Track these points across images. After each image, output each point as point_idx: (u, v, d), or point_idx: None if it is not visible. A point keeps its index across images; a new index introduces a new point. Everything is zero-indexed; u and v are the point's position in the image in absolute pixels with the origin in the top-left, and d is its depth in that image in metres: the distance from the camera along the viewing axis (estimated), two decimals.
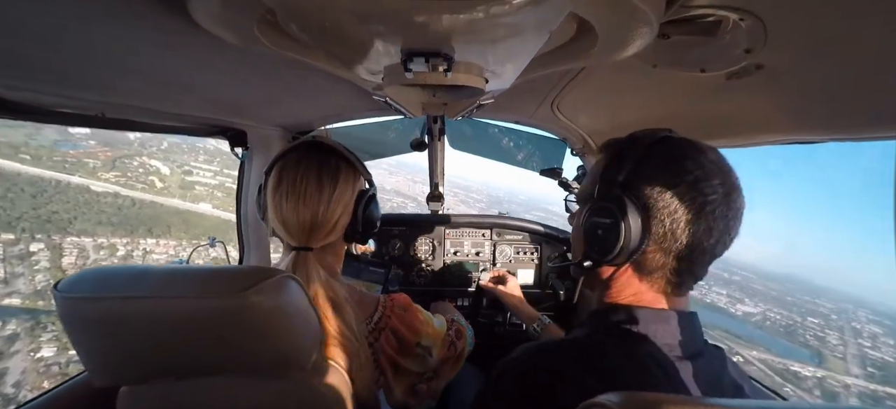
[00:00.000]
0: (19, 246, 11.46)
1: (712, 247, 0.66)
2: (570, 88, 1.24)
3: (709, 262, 0.69)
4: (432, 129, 2.13)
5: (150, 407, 0.81)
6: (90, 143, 18.64)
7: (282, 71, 1.05)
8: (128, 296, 0.67)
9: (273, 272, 0.71)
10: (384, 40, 0.63)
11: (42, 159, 16.65)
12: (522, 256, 2.28)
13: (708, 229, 0.64)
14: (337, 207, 0.93)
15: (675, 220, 0.65)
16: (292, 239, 0.92)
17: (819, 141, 0.97)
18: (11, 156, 16.35)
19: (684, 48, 0.75)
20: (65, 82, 0.85)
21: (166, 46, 0.78)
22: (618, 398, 0.38)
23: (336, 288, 0.92)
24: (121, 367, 0.75)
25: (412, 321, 1.01)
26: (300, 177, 0.91)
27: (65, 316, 0.68)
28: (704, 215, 0.64)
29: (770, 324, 27.24)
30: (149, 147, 19.68)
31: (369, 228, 1.02)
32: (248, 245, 1.93)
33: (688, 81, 0.92)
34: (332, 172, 0.93)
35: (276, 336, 0.71)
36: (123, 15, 0.63)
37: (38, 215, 13.15)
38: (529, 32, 0.60)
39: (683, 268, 0.68)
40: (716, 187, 0.65)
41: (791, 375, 21.12)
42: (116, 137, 19.74)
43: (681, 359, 0.67)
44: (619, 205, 0.68)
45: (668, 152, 0.69)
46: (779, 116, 0.95)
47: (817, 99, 0.82)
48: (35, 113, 0.92)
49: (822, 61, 0.67)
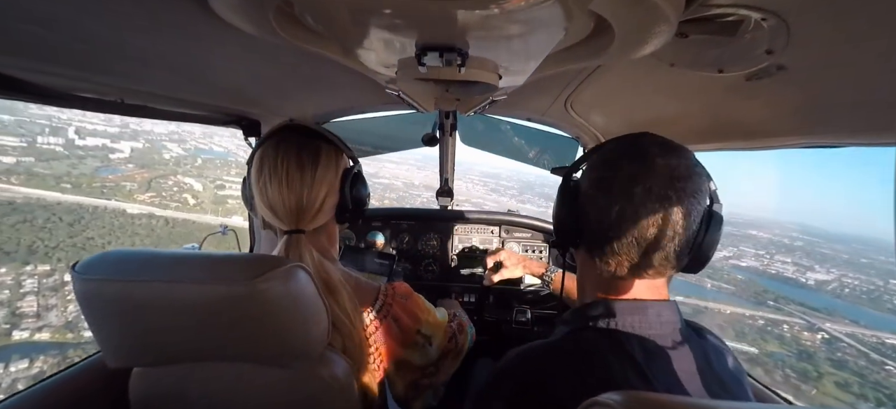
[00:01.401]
0: (54, 277, 11.80)
1: (618, 222, 0.69)
2: (584, 86, 1.22)
3: (636, 245, 0.69)
4: (444, 124, 2.13)
5: (161, 390, 0.83)
6: (129, 166, 19.39)
7: (296, 62, 1.05)
8: (141, 279, 0.68)
9: (283, 262, 0.71)
10: (399, 34, 0.63)
11: (82, 187, 17.22)
12: (530, 254, 2.27)
13: (608, 204, 0.70)
14: (321, 186, 0.93)
15: (585, 199, 0.75)
16: (282, 223, 0.92)
17: (842, 145, 0.95)
18: (54, 186, 16.85)
19: (703, 48, 0.74)
20: (85, 67, 0.87)
21: (184, 35, 0.79)
22: (619, 397, 0.39)
23: (329, 269, 0.93)
24: (133, 349, 0.77)
25: (413, 309, 1.01)
26: (281, 160, 0.90)
27: (81, 297, 0.71)
28: (602, 190, 0.71)
29: (849, 291, 24.19)
30: (183, 165, 20.37)
31: (358, 206, 1.02)
32: (258, 235, 1.96)
33: (705, 82, 0.91)
34: (312, 154, 0.92)
35: (283, 325, 0.72)
36: (145, 2, 0.64)
37: (74, 243, 13.58)
38: (545, 29, 0.59)
39: (603, 244, 0.72)
40: (621, 167, 0.70)
41: (890, 349, 19.13)
42: (154, 159, 20.46)
43: (664, 348, 0.69)
44: (565, 190, 0.80)
45: (610, 145, 0.78)
46: (800, 119, 0.93)
47: (841, 102, 0.79)
48: (56, 96, 0.94)
49: (846, 63, 0.65)
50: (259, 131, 1.73)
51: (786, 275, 21.30)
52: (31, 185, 16.50)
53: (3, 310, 10.72)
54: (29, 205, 15.21)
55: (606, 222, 0.70)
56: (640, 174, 0.68)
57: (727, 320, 17.53)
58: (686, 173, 0.68)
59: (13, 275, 11.37)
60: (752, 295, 19.51)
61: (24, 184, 16.45)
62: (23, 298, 10.69)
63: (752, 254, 20.71)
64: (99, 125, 22.54)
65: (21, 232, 13.31)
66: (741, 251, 20.31)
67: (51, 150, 18.88)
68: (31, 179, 17.09)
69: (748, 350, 16.51)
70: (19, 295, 10.76)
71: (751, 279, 20.17)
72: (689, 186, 0.67)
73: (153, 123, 24.79)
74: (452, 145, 2.36)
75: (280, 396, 0.81)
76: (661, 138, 0.73)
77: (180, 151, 22.04)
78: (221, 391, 0.82)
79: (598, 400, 0.41)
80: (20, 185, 16.22)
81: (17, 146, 18.46)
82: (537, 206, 19.96)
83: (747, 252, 20.54)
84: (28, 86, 0.86)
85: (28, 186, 16.31)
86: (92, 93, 1.02)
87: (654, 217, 0.67)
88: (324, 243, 1.01)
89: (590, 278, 0.80)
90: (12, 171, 17.14)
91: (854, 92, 0.74)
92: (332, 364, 0.81)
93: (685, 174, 0.68)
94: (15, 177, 16.74)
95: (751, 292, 19.64)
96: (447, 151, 2.36)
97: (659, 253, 0.68)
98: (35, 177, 17.32)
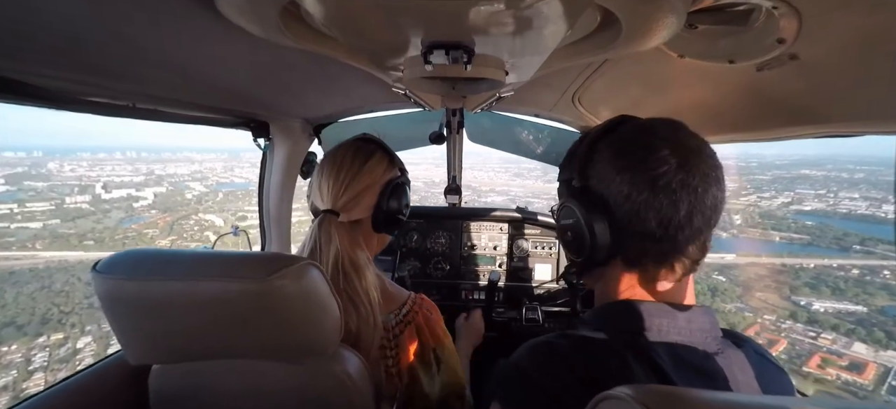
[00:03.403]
0: (67, 346, 11.29)
1: (687, 219, 0.60)
2: (591, 81, 1.21)
3: (695, 235, 0.62)
4: (451, 122, 2.13)
5: (179, 386, 0.85)
6: (151, 213, 19.42)
7: (304, 63, 1.06)
8: (160, 277, 0.71)
9: (296, 259, 0.73)
10: (405, 32, 0.63)
11: (105, 241, 17.02)
12: (539, 250, 2.26)
13: (672, 202, 0.59)
14: (365, 177, 1.01)
15: (633, 202, 0.61)
16: (322, 204, 1.01)
17: (857, 134, 0.93)
18: (77, 245, 16.65)
19: (713, 38, 0.73)
20: (95, 72, 0.89)
21: (193, 38, 0.80)
22: (632, 390, 0.38)
23: (358, 253, 0.98)
24: (152, 346, 0.79)
25: (435, 327, 1.06)
26: (340, 155, 1.03)
27: (102, 295, 0.73)
28: (659, 188, 0.60)
29: None
30: (205, 202, 20.25)
31: (393, 214, 1.06)
32: (269, 235, 1.98)
33: (715, 73, 0.89)
34: (365, 154, 1.04)
35: (297, 321, 0.74)
36: (153, 5, 0.65)
37: (90, 303, 12.84)
38: (551, 24, 0.59)
39: (667, 249, 0.63)
40: (666, 158, 0.60)
41: None
42: (176, 201, 20.51)
43: (695, 357, 0.63)
44: (577, 203, 0.67)
45: (616, 139, 0.67)
46: (814, 109, 0.91)
47: (856, 90, 0.78)
48: (68, 101, 0.96)
49: (861, 50, 0.64)
50: (268, 132, 1.75)
51: (860, 212, 17.88)
52: (54, 247, 16.42)
53: (6, 395, 9.91)
54: (49, 269, 15.05)
55: (674, 223, 0.60)
56: (690, 160, 0.60)
57: (815, 275, 14.65)
58: (710, 150, 0.63)
59: (23, 351, 10.82)
60: (832, 242, 16.45)
61: (47, 247, 16.36)
62: (30, 376, 10.01)
63: (812, 195, 17.90)
64: (126, 176, 22.73)
65: (36, 301, 12.99)
66: (799, 195, 17.73)
67: (77, 208, 18.91)
68: (55, 240, 17.03)
69: (855, 310, 13.33)
70: (27, 374, 10.11)
71: (824, 224, 17.37)
72: (721, 169, 0.63)
73: (176, 165, 24.34)
74: (459, 143, 2.35)
75: (295, 392, 0.83)
76: (645, 120, 0.68)
77: (203, 188, 22.07)
78: (238, 388, 0.84)
79: (609, 394, 0.40)
80: (43, 249, 16.16)
81: (45, 210, 18.50)
82: None
83: (806, 194, 17.85)
84: (41, 91, 0.87)
85: (51, 249, 16.21)
86: (104, 97, 1.04)
87: (713, 202, 0.61)
88: (358, 237, 1.04)
89: (613, 281, 0.71)
90: (38, 236, 17.05)
91: (869, 80, 0.72)
92: (346, 361, 0.83)
93: (710, 151, 0.63)
94: (40, 242, 16.64)
95: (829, 239, 16.57)
96: (454, 149, 2.36)
97: (708, 241, 0.64)
98: (59, 238, 17.25)
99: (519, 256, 2.27)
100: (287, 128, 1.77)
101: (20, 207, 18.59)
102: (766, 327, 12.54)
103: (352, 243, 0.99)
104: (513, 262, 2.27)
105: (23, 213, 18.18)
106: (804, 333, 12.21)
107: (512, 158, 2.42)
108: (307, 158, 1.95)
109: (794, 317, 12.81)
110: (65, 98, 0.94)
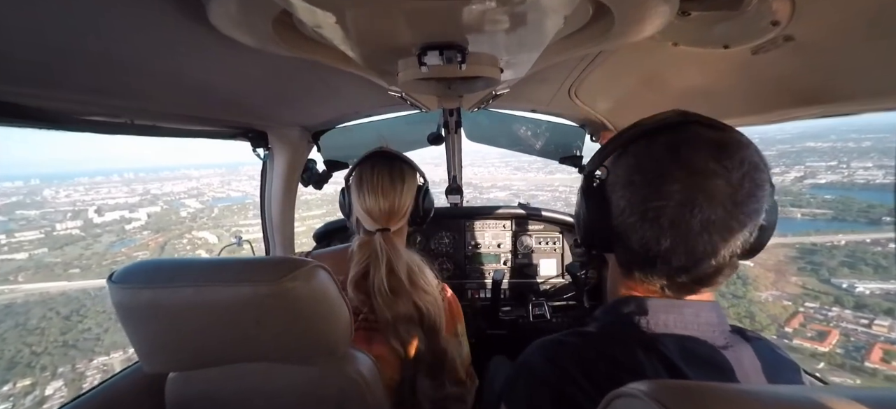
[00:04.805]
0: (34, 393, 9.90)
1: (667, 254, 0.60)
2: (586, 73, 1.21)
3: (679, 270, 0.61)
4: (448, 122, 2.13)
5: (195, 391, 0.87)
6: (144, 234, 18.69)
7: (299, 71, 1.06)
8: (174, 284, 0.73)
9: (305, 262, 0.75)
10: (398, 36, 0.63)
11: (91, 268, 15.96)
12: (544, 246, 2.25)
13: (655, 236, 0.59)
14: (407, 197, 1.20)
15: (625, 218, 0.63)
16: (373, 224, 1.17)
17: (852, 113, 0.92)
18: (62, 274, 15.41)
19: (706, 24, 0.73)
20: (91, 90, 0.89)
21: (187, 51, 0.81)
22: (646, 387, 0.37)
23: (415, 257, 1.18)
24: (168, 353, 0.81)
25: (456, 309, 1.25)
26: (377, 178, 1.16)
27: (118, 305, 0.75)
28: (649, 220, 0.59)
29: None
30: (199, 219, 19.56)
31: (426, 213, 1.28)
32: (273, 242, 1.98)
33: (711, 58, 0.89)
34: (399, 172, 1.20)
35: (309, 322, 0.76)
36: (146, 21, 0.65)
37: (64, 341, 11.88)
38: (544, 19, 0.59)
39: (649, 270, 0.64)
40: (670, 193, 0.58)
41: None
42: (171, 220, 19.81)
43: (704, 350, 0.63)
44: (591, 194, 0.69)
45: (653, 149, 0.62)
46: (811, 90, 0.91)
47: (852, 68, 0.78)
48: (66, 121, 0.97)
49: (854, 29, 0.64)
50: (267, 142, 1.75)
51: (878, 182, 16.57)
52: (37, 278, 15.21)
53: None
54: (27, 304, 13.76)
55: (653, 252, 0.61)
56: (697, 201, 0.57)
57: (849, 253, 13.09)
58: (749, 192, 0.57)
59: None
60: (858, 215, 14.88)
61: (30, 279, 15.14)
62: None
63: (824, 167, 16.64)
64: (121, 197, 21.87)
65: (6, 342, 11.61)
66: (810, 168, 16.51)
67: (67, 235, 17.81)
68: (39, 271, 15.83)
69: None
70: None
71: (845, 197, 15.92)
72: (752, 206, 0.58)
73: (173, 183, 23.52)
74: (458, 143, 2.35)
75: (309, 394, 0.85)
76: (711, 134, 0.60)
77: (198, 205, 21.29)
78: (253, 391, 0.86)
79: (622, 391, 0.39)
80: (26, 281, 14.93)
81: (33, 239, 17.34)
82: (567, 174, 17.58)
83: (817, 167, 16.59)
84: (38, 112, 0.88)
85: (34, 281, 15.03)
86: (101, 116, 1.04)
87: (712, 248, 0.58)
88: (402, 239, 1.27)
89: (621, 278, 0.72)
90: (22, 267, 15.82)
91: (866, 57, 0.72)
92: (358, 362, 0.85)
93: (748, 193, 0.57)
94: (23, 274, 15.38)
95: (854, 213, 14.98)
96: (453, 149, 2.36)
97: (708, 278, 0.62)
98: (44, 268, 16.04)
99: (523, 252, 2.27)
100: (285, 136, 1.78)
101: (8, 237, 17.53)
102: (812, 317, 10.72)
103: (404, 247, 1.20)
104: (517, 259, 2.27)
105: (10, 244, 17.15)
106: (855, 320, 10.31)
107: (511, 152, 2.38)
108: (307, 165, 1.96)
109: (839, 302, 10.97)
110: (62, 118, 0.95)
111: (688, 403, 0.35)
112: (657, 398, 0.35)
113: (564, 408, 0.60)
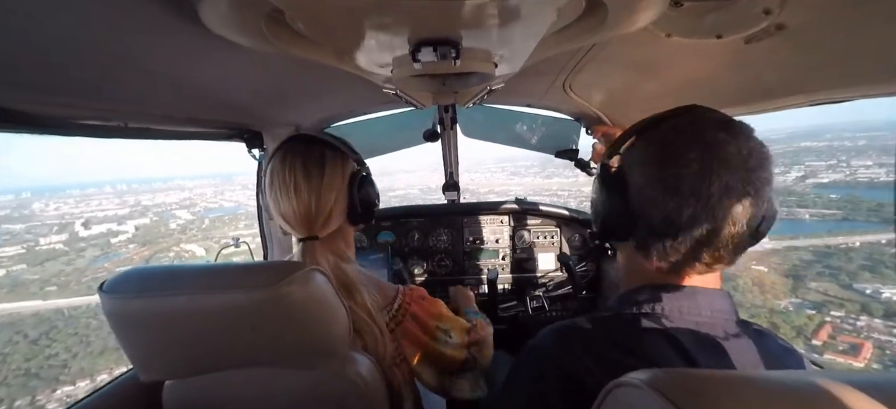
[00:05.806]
0: None
1: (690, 223, 0.61)
2: (581, 66, 1.21)
3: (703, 245, 0.63)
4: (443, 118, 2.12)
5: (193, 399, 0.86)
6: (130, 248, 17.81)
7: (293, 71, 1.06)
8: (167, 292, 0.71)
9: (300, 266, 0.74)
10: (390, 32, 0.63)
11: (69, 285, 14.66)
12: (542, 240, 2.26)
13: (678, 206, 0.61)
14: (329, 193, 0.94)
15: (644, 196, 0.65)
16: (296, 231, 0.96)
17: (846, 100, 0.93)
18: (37, 293, 14.24)
19: (699, 15, 0.73)
20: (84, 94, 0.89)
21: (180, 53, 0.80)
22: (646, 376, 0.37)
23: (347, 271, 0.95)
24: (163, 361, 0.80)
25: (430, 308, 1.06)
26: (288, 172, 0.93)
27: (110, 314, 0.74)
28: (670, 190, 0.62)
29: None
30: (188, 231, 18.67)
31: (368, 207, 1.03)
32: (271, 246, 1.98)
33: (704, 49, 0.89)
34: (317, 161, 0.94)
35: (307, 326, 0.75)
36: (137, 23, 0.64)
37: (27, 369, 10.79)
38: (537, 13, 0.59)
39: (669, 246, 0.64)
40: (689, 161, 0.60)
41: None
42: (159, 232, 18.95)
43: (717, 339, 0.64)
44: (608, 181, 0.71)
45: (665, 129, 0.66)
46: (803, 77, 0.91)
47: (844, 55, 0.78)
48: (59, 126, 0.96)
49: (845, 15, 0.64)
50: (262, 143, 1.75)
51: (882, 180, 16.41)
52: (10, 298, 14.06)
53: None
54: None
55: (677, 224, 0.62)
56: (714, 168, 0.59)
57: (867, 255, 12.33)
58: (759, 161, 0.61)
59: None
60: (868, 215, 14.32)
61: (2, 299, 14.07)
62: None
63: (824, 166, 16.44)
64: (110, 209, 21.08)
65: None
66: (810, 168, 16.23)
67: (50, 250, 16.69)
68: (15, 289, 14.69)
69: None
70: None
71: (850, 196, 15.53)
72: (764, 174, 0.61)
73: (166, 194, 22.65)
74: (454, 139, 2.35)
75: (309, 398, 0.84)
76: (717, 114, 0.65)
77: (189, 216, 20.38)
78: (252, 397, 0.85)
79: (622, 380, 0.39)
80: None
81: (13, 255, 16.29)
82: (565, 177, 17.00)
83: (817, 166, 16.35)
84: (31, 118, 0.87)
85: (7, 300, 13.95)
86: (95, 120, 1.03)
87: (730, 214, 0.60)
88: (340, 246, 1.03)
89: (635, 267, 0.74)
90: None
91: (858, 43, 0.72)
92: (358, 364, 0.84)
93: (759, 162, 0.61)
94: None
95: (863, 212, 14.49)
96: (449, 145, 2.36)
97: (725, 249, 0.63)
98: (19, 286, 14.87)
99: (521, 247, 2.27)
100: (281, 136, 1.76)
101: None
102: (841, 328, 9.85)
103: (339, 258, 0.97)
104: (516, 254, 2.27)
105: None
106: (888, 330, 9.41)
107: (507, 157, 2.39)
108: None
109: (867, 310, 10.09)
110: (55, 123, 0.94)
111: (687, 391, 0.35)
112: (657, 387, 0.35)
113: (571, 390, 0.61)
